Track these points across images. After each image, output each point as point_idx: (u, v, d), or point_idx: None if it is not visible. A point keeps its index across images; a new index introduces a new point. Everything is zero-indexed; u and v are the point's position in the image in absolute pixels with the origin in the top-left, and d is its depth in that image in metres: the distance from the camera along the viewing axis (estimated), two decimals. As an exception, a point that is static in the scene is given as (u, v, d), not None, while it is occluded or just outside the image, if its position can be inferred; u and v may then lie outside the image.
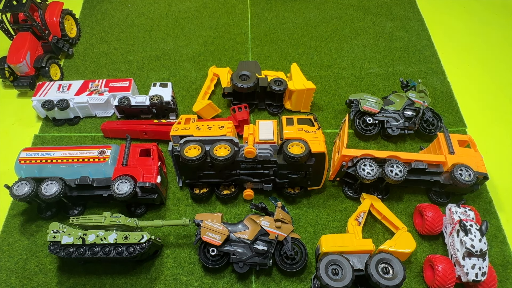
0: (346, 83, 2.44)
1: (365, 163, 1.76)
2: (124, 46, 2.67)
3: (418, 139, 2.16)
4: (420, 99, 2.07)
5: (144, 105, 2.13)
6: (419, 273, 1.71)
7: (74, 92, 2.19)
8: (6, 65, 2.31)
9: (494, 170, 2.03)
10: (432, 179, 1.80)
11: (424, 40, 2.71)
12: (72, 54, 2.61)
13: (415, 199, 1.94)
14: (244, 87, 2.07)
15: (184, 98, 2.36)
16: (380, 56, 2.60)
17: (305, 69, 2.45)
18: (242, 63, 2.32)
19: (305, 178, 1.79)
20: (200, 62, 2.56)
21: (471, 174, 1.72)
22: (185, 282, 1.68)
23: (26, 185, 1.69)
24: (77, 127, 2.23)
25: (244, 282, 1.68)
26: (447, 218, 1.74)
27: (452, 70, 2.52)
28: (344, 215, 1.87)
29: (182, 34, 2.75)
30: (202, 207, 1.91)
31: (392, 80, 2.46)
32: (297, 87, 2.10)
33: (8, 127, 2.28)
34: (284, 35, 2.74)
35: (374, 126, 2.11)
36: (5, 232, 1.83)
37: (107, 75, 2.49)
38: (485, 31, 2.81)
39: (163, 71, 2.51)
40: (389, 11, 2.90)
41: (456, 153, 1.81)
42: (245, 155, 1.70)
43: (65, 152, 1.83)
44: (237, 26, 2.79)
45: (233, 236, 1.64)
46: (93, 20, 2.85)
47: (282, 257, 1.65)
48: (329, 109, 2.30)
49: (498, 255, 1.77)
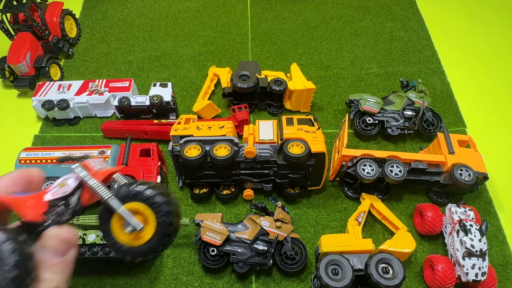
0: (346, 83, 2.44)
1: (365, 163, 1.76)
2: (124, 46, 2.67)
3: (418, 139, 2.16)
4: (420, 99, 2.07)
5: (144, 105, 2.13)
6: (419, 273, 1.71)
7: (74, 92, 2.19)
8: (6, 65, 2.31)
9: (494, 170, 2.03)
10: (432, 179, 1.80)
11: (424, 40, 2.71)
12: (72, 54, 2.61)
13: (415, 199, 1.94)
14: (244, 87, 2.07)
15: (184, 98, 2.36)
16: (380, 56, 2.60)
17: (305, 69, 2.45)
18: (242, 63, 2.32)
19: (305, 178, 1.79)
20: (200, 62, 2.56)
21: (471, 174, 1.72)
22: (185, 282, 1.68)
23: (26, 185, 1.69)
24: (77, 127, 2.23)
25: (244, 282, 1.68)
26: (447, 218, 1.74)
27: (452, 70, 2.52)
28: (344, 215, 1.87)
29: (182, 34, 2.75)
30: (202, 207, 1.91)
31: (392, 80, 2.46)
32: (297, 87, 2.10)
33: (8, 127, 2.28)
34: (284, 35, 2.74)
35: (374, 126, 2.11)
36: (5, 232, 1.83)
37: (107, 75, 2.49)
38: (485, 31, 2.81)
39: (163, 71, 2.51)
40: (389, 11, 2.90)
41: (456, 153, 1.81)
42: (245, 155, 1.70)
43: (65, 152, 1.83)
44: (237, 26, 2.80)
45: (233, 236, 1.64)
46: (93, 20, 2.85)
47: (282, 257, 1.65)
48: (329, 109, 2.30)
49: (498, 255, 1.77)
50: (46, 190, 0.56)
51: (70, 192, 0.56)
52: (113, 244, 0.57)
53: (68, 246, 0.56)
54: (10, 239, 0.49)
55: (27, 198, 0.55)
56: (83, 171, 0.56)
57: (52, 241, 0.55)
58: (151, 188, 0.55)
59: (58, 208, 0.56)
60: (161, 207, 0.54)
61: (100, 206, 0.57)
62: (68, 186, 0.56)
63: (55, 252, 0.54)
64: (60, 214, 0.56)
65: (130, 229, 0.55)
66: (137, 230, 0.54)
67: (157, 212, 0.54)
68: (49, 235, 0.55)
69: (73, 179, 0.57)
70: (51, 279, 0.53)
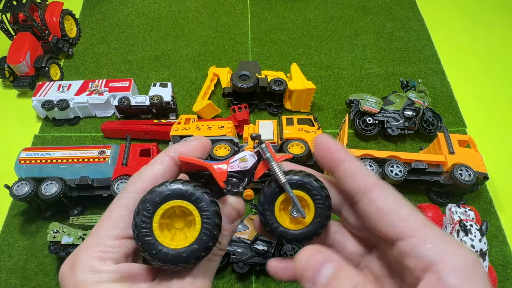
0: (346, 83, 2.44)
1: (365, 163, 1.76)
2: (124, 46, 2.67)
3: (418, 139, 2.16)
4: (420, 99, 2.07)
5: (144, 105, 2.13)
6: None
7: (74, 92, 2.19)
8: (6, 65, 2.30)
9: (494, 170, 2.02)
10: (432, 179, 1.80)
11: (424, 40, 2.71)
12: (72, 54, 2.61)
13: (415, 199, 1.93)
14: (244, 87, 2.07)
15: (184, 98, 2.36)
16: (380, 56, 2.60)
17: (305, 69, 2.45)
18: (242, 63, 2.32)
19: (305, 178, 1.79)
20: (200, 62, 2.56)
21: (471, 174, 1.72)
22: (185, 282, 1.67)
23: (26, 185, 1.69)
24: (77, 127, 2.23)
25: (244, 282, 1.68)
26: (447, 218, 1.74)
27: (452, 70, 2.52)
28: (344, 215, 1.87)
29: (182, 34, 2.75)
30: (202, 207, 1.90)
31: (392, 80, 2.46)
32: (297, 87, 2.10)
33: (8, 127, 2.28)
34: (284, 35, 2.74)
35: (374, 126, 2.11)
36: (5, 232, 1.83)
37: (107, 75, 2.49)
38: (485, 31, 2.81)
39: (163, 71, 2.51)
40: (389, 11, 2.90)
41: (456, 153, 1.81)
42: (245, 155, 1.70)
43: (65, 152, 1.83)
44: (237, 26, 2.80)
45: (233, 236, 1.64)
46: (93, 20, 2.85)
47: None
48: (329, 109, 2.30)
49: (498, 255, 1.77)
50: (228, 161, 0.61)
51: (249, 168, 0.61)
52: (273, 224, 0.61)
53: (238, 216, 0.62)
54: (213, 201, 0.54)
55: (214, 165, 0.60)
56: (268, 151, 0.60)
57: (229, 208, 0.60)
58: (316, 181, 0.59)
59: (234, 179, 0.61)
60: (322, 199, 0.59)
61: (266, 188, 0.61)
62: (248, 162, 0.61)
63: (228, 219, 0.60)
64: (235, 185, 0.61)
65: (296, 215, 0.59)
66: (302, 217, 0.59)
67: (318, 203, 0.59)
68: (228, 203, 0.60)
69: (252, 156, 0.62)
70: (221, 242, 0.59)
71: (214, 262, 0.60)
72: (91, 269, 0.50)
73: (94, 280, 0.49)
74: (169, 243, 0.53)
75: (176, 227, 0.57)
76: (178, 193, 0.54)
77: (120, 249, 0.53)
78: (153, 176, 0.57)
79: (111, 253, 0.52)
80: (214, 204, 0.55)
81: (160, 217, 0.53)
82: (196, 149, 0.61)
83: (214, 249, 0.57)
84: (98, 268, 0.50)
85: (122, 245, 0.53)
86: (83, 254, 0.52)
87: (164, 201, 0.53)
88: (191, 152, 0.60)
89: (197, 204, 0.54)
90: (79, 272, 0.50)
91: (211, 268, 0.59)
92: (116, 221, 0.54)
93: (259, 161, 0.62)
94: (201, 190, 0.54)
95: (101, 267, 0.51)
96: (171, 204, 0.53)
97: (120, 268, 0.52)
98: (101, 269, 0.50)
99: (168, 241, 0.53)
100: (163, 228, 0.55)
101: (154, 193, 0.53)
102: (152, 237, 0.52)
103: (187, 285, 0.55)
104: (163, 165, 0.58)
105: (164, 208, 0.53)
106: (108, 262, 0.51)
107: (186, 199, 0.54)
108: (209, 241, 0.53)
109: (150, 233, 0.52)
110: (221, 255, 0.61)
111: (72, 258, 0.53)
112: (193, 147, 0.61)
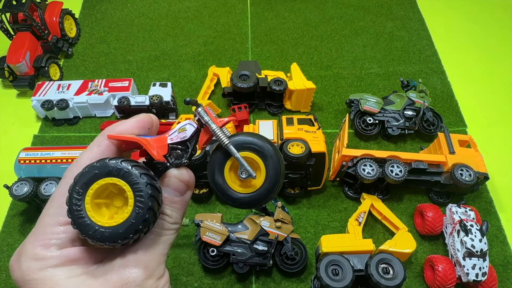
0: (346, 83, 2.43)
1: (365, 163, 1.75)
2: (124, 46, 2.67)
3: (418, 139, 2.16)
4: (421, 99, 2.06)
5: (143, 105, 2.12)
6: (420, 273, 1.70)
7: (74, 92, 2.19)
8: (6, 65, 2.30)
9: (494, 170, 2.02)
10: (433, 179, 1.80)
11: (424, 40, 2.70)
12: (72, 54, 2.61)
13: (416, 199, 1.93)
14: (244, 87, 2.07)
15: (184, 98, 2.35)
16: (380, 56, 2.59)
17: (305, 69, 2.45)
18: (242, 63, 2.32)
19: (305, 178, 1.79)
20: (200, 62, 2.56)
21: (472, 174, 1.72)
22: (185, 283, 1.67)
23: (25, 185, 1.69)
24: (76, 127, 2.23)
25: (244, 283, 1.67)
26: (448, 218, 1.74)
27: (452, 70, 2.52)
28: (344, 215, 1.87)
29: (182, 34, 2.74)
30: (202, 207, 1.90)
31: (393, 80, 2.45)
32: (297, 87, 2.10)
33: (8, 127, 2.28)
34: (284, 35, 2.73)
35: (374, 126, 2.11)
36: (5, 232, 1.83)
37: (106, 75, 2.48)
38: (485, 31, 2.80)
39: (163, 71, 2.51)
40: (390, 11, 2.90)
41: (456, 153, 1.81)
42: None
43: (65, 152, 1.82)
44: (237, 26, 2.79)
45: (233, 236, 1.64)
46: (92, 20, 2.85)
47: (282, 258, 1.65)
48: (329, 109, 2.30)
49: (499, 255, 1.76)
50: (166, 134, 0.61)
51: (188, 137, 0.61)
52: (225, 189, 0.60)
53: (187, 187, 0.61)
54: (144, 173, 0.54)
55: (152, 140, 0.59)
56: (206, 115, 0.60)
57: (174, 181, 0.60)
58: (261, 139, 0.58)
59: (176, 151, 0.61)
60: (272, 157, 0.58)
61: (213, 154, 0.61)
62: (187, 131, 0.61)
63: (175, 191, 0.60)
64: (179, 157, 0.61)
65: (244, 176, 0.58)
66: (252, 177, 0.58)
67: (266, 161, 0.58)
68: (171, 175, 0.60)
69: (191, 125, 0.62)
70: (170, 215, 0.60)
71: (165, 237, 0.59)
72: (34, 257, 0.52)
73: (38, 267, 0.51)
74: (106, 221, 0.52)
75: (116, 205, 0.56)
76: (106, 171, 0.53)
77: (64, 235, 0.54)
78: (91, 159, 0.56)
79: (55, 240, 0.53)
80: (145, 176, 0.54)
81: (94, 197, 0.53)
82: (134, 126, 0.61)
83: (162, 222, 0.57)
84: (42, 255, 0.52)
85: (66, 231, 0.54)
86: (28, 243, 0.54)
87: (93, 181, 0.53)
88: (129, 129, 0.60)
89: (126, 178, 0.53)
90: (23, 261, 0.52)
91: (162, 243, 0.58)
92: (57, 209, 0.55)
93: (200, 129, 0.61)
94: (130, 164, 0.54)
95: (45, 254, 0.52)
96: (100, 183, 0.53)
97: (64, 253, 0.53)
98: (45, 256, 0.52)
99: (105, 220, 0.53)
100: (101, 208, 0.55)
101: (82, 176, 0.53)
102: (86, 218, 0.52)
103: (131, 262, 0.54)
104: (100, 147, 0.58)
105: (94, 188, 0.53)
106: (52, 249, 0.53)
107: (115, 176, 0.53)
108: (145, 213, 0.52)
109: (84, 214, 0.52)
110: (174, 229, 0.60)
111: (19, 249, 0.54)
112: (131, 124, 0.61)
